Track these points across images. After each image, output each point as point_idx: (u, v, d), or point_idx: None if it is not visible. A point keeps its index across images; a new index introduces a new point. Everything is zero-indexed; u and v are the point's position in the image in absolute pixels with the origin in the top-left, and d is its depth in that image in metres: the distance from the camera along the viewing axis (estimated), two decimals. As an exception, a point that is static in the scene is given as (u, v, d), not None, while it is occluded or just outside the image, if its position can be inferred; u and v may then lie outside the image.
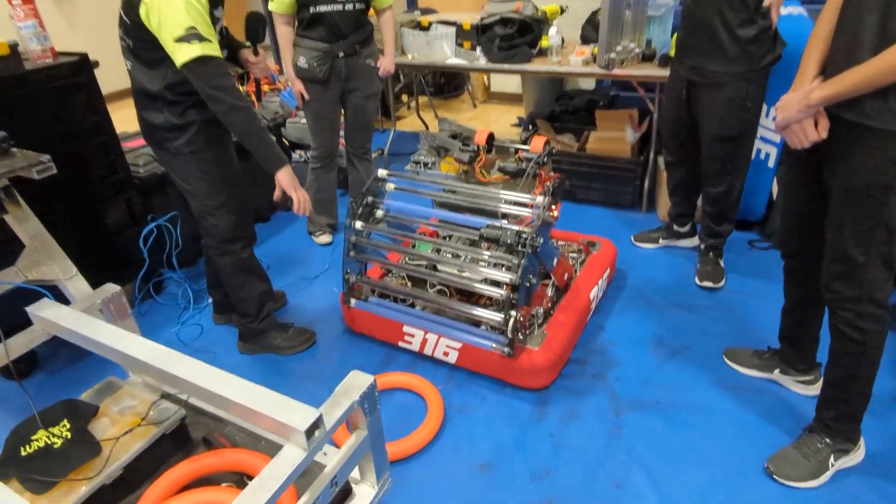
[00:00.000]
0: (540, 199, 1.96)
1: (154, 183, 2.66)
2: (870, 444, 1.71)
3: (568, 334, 2.09)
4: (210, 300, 2.56)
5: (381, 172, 2.27)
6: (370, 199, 2.23)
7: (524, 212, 2.03)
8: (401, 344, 2.23)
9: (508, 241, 1.85)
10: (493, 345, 1.98)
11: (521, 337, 1.96)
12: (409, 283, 2.31)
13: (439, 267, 2.17)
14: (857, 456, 1.69)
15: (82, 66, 2.30)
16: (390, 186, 2.31)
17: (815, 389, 1.89)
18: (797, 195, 1.65)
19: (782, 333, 1.95)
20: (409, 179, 2.29)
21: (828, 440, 1.65)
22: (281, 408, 1.10)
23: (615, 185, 3.21)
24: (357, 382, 1.30)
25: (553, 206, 1.98)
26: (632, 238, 2.94)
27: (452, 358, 2.13)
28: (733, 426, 1.86)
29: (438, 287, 2.20)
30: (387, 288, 2.22)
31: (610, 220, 3.20)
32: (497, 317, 1.96)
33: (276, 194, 1.93)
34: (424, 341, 2.17)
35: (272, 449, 1.45)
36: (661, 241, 2.87)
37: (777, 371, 1.99)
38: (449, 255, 2.16)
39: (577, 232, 2.68)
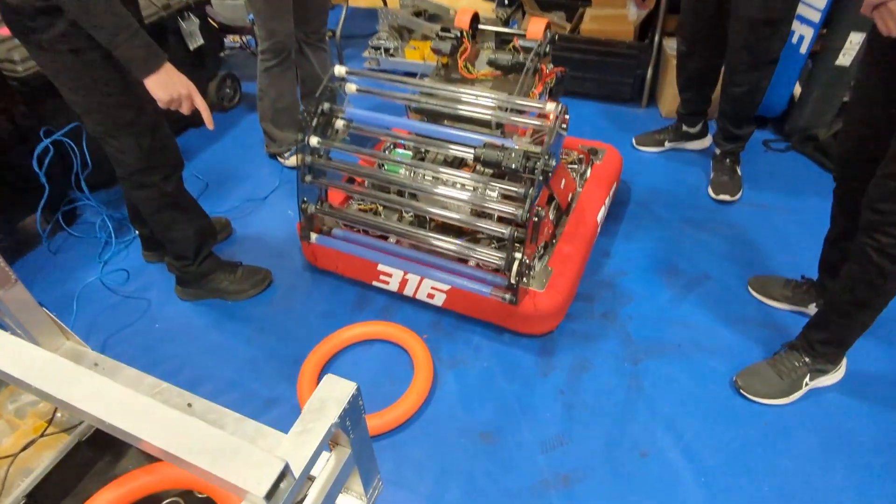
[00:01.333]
0: (552, 105, 1.52)
1: (40, 86, 2.04)
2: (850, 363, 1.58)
3: (575, 270, 1.76)
4: (136, 233, 2.09)
5: (339, 70, 1.75)
6: (326, 105, 1.73)
7: (529, 122, 1.60)
8: (376, 284, 1.87)
9: (513, 167, 1.44)
10: (491, 291, 1.63)
11: (525, 280, 1.62)
12: (381, 213, 1.89)
13: (420, 196, 1.74)
14: (835, 376, 1.59)
15: None
16: (351, 88, 1.80)
17: None
18: (873, 100, 1.32)
19: (823, 264, 1.69)
20: (376, 79, 1.78)
21: (807, 359, 1.54)
22: (228, 458, 0.73)
23: (613, 74, 2.73)
24: (335, 394, 0.94)
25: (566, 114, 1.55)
26: (633, 140, 2.54)
27: (439, 300, 1.79)
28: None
29: (417, 218, 1.80)
30: (355, 220, 1.80)
31: (604, 118, 2.77)
32: (496, 257, 1.60)
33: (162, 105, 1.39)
34: (404, 282, 1.81)
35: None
36: (666, 143, 2.49)
37: (813, 305, 1.74)
38: (430, 180, 1.73)
39: (569, 134, 2.26)
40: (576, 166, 2.12)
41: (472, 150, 1.58)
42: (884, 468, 1.43)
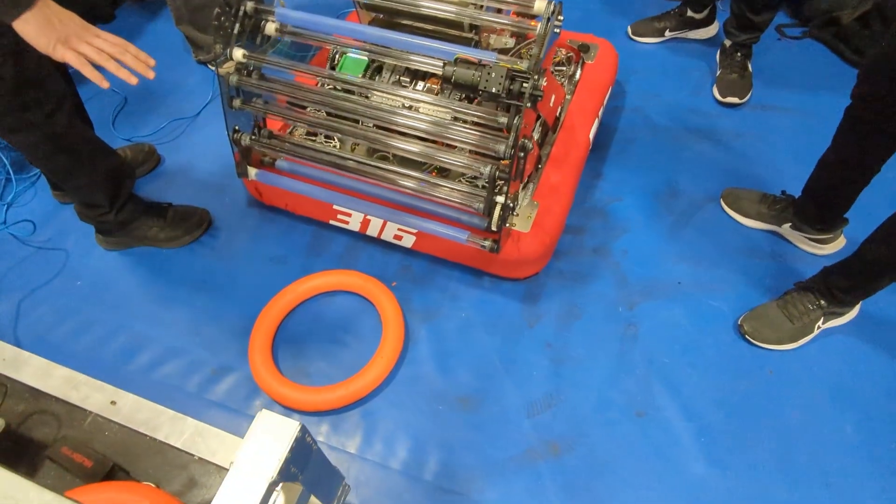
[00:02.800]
0: (541, 3, 1.17)
1: None
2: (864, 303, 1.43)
3: (565, 203, 1.51)
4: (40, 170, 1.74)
5: (262, -47, 1.33)
6: (250, 5, 1.34)
7: (512, 25, 1.25)
8: (333, 223, 1.60)
9: (493, 90, 1.13)
10: (468, 237, 1.38)
11: (507, 221, 1.37)
12: (333, 139, 1.57)
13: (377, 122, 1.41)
14: (848, 317, 1.44)
15: None
16: None
17: (828, 250, 1.57)
18: None
19: (811, 186, 1.49)
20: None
21: (823, 302, 1.38)
22: None
23: (608, -56, 2.27)
24: (272, 440, 0.74)
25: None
26: (628, 29, 2.17)
27: (408, 242, 1.54)
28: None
29: (378, 152, 1.48)
30: (301, 155, 1.47)
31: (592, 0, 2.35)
32: (473, 199, 1.33)
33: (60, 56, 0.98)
34: (366, 222, 1.54)
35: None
36: (667, 32, 2.12)
37: (788, 226, 1.56)
38: (387, 104, 1.40)
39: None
40: (563, 68, 1.78)
41: (439, 64, 1.24)
42: (894, 416, 1.32)
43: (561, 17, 1.19)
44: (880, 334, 1.43)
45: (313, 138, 1.59)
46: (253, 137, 1.47)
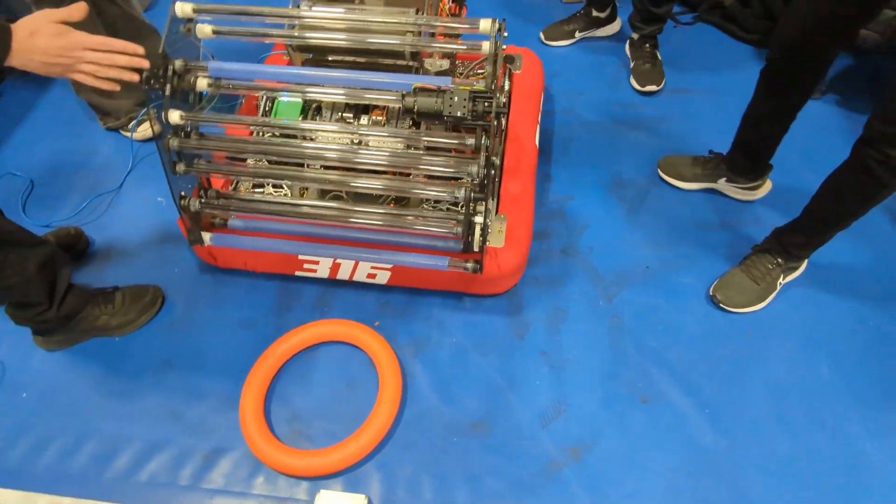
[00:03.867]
0: (486, 22, 1.19)
1: None
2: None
3: (530, 212, 1.54)
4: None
5: (182, 7, 1.26)
6: (179, 63, 1.26)
7: (458, 48, 1.26)
8: (299, 273, 1.53)
9: (459, 114, 1.12)
10: (449, 262, 1.37)
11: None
12: (286, 190, 1.51)
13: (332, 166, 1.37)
14: (801, 269, 1.57)
15: None
16: (205, 31, 1.32)
17: (759, 194, 1.74)
18: None
19: (739, 142, 1.64)
20: (237, 15, 1.31)
21: (780, 260, 1.51)
22: None
23: (505, -42, 2.36)
24: None
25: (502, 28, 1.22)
26: (540, 35, 2.25)
27: (383, 278, 1.51)
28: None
29: (331, 192, 1.44)
30: (258, 210, 1.40)
31: (502, 10, 2.42)
32: (445, 223, 1.32)
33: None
34: (336, 266, 1.49)
35: None
36: (577, 34, 2.23)
37: (723, 180, 1.72)
38: (342, 143, 1.36)
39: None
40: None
41: (390, 97, 1.23)
42: (861, 351, 1.45)
43: (505, 34, 1.21)
44: (830, 279, 1.57)
45: (261, 190, 1.52)
46: (202, 201, 1.38)
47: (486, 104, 1.13)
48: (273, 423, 1.36)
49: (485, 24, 1.19)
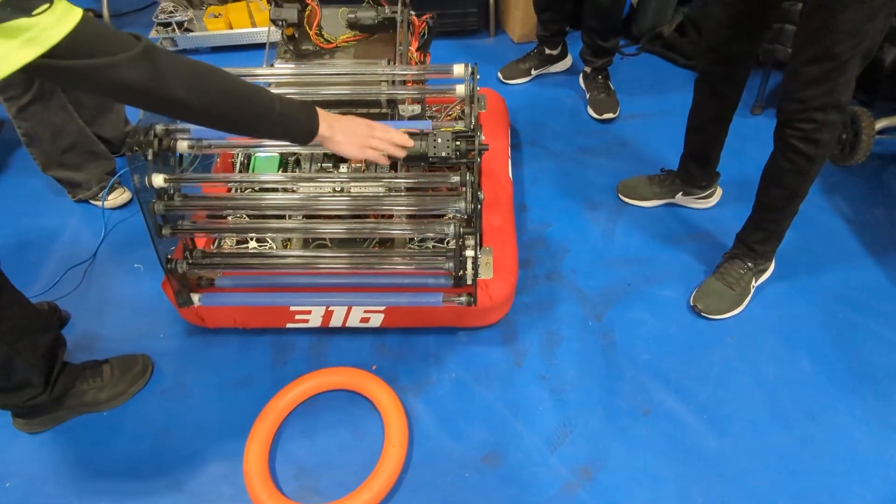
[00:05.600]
0: (460, 68, 1.26)
1: None
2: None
3: (513, 241, 1.59)
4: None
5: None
6: (160, 127, 1.27)
7: (434, 91, 1.32)
8: (291, 326, 1.53)
9: (444, 154, 1.17)
10: (443, 298, 1.40)
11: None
12: (271, 242, 1.51)
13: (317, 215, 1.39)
14: (770, 270, 1.66)
15: None
16: (182, 146, 1.34)
17: (713, 201, 1.86)
18: None
19: (689, 153, 1.76)
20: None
21: (750, 264, 1.59)
22: None
23: (456, 6, 2.48)
24: None
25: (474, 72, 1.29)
26: (498, 75, 2.37)
27: (376, 322, 1.51)
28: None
29: (316, 240, 1.45)
30: (248, 266, 1.40)
31: (459, 55, 2.54)
32: (439, 262, 1.35)
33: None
34: (329, 314, 1.49)
35: None
36: (533, 71, 2.35)
37: (680, 194, 1.84)
38: (330, 192, 1.39)
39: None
40: (461, 120, 1.89)
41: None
42: (836, 342, 1.53)
43: (478, 76, 1.28)
44: (796, 277, 1.67)
45: (245, 245, 1.52)
46: (189, 262, 1.37)
47: (467, 142, 1.18)
48: (280, 481, 1.32)
49: (458, 69, 1.25)
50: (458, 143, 1.18)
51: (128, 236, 1.85)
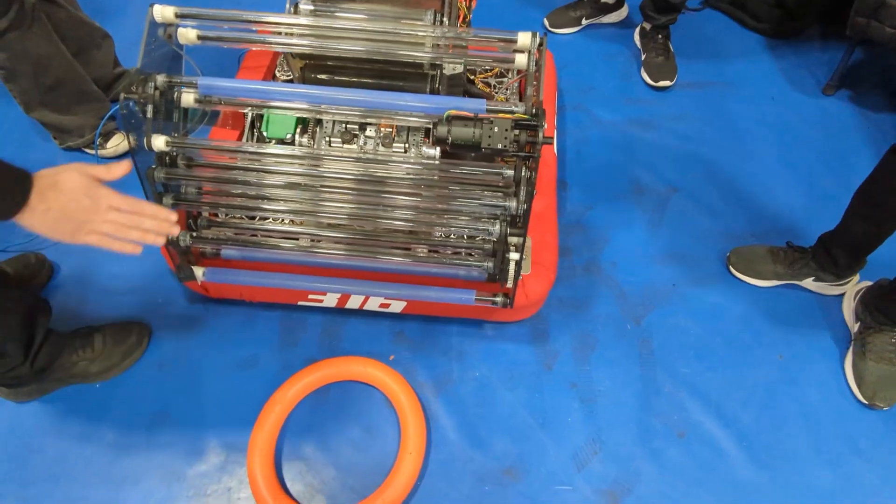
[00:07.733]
0: (525, 37, 1.04)
1: None
2: None
3: (553, 230, 1.41)
4: None
5: (161, 11, 1.06)
6: (161, 78, 1.06)
7: (495, 60, 1.11)
8: (303, 303, 1.39)
9: (500, 145, 0.98)
10: (475, 296, 1.25)
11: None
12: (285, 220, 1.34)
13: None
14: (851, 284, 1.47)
15: None
16: (189, 36, 1.12)
17: (849, 286, 1.49)
18: None
19: (847, 240, 1.39)
20: (223, 19, 1.11)
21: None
22: None
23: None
24: None
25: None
26: (545, 22, 2.09)
27: (397, 308, 1.38)
28: (762, 317, 1.47)
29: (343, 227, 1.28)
30: (259, 244, 1.23)
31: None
32: (478, 263, 1.19)
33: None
34: (345, 298, 1.35)
35: None
36: (584, 20, 2.08)
37: (811, 280, 1.48)
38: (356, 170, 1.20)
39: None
40: (504, 79, 1.66)
41: (416, 120, 1.07)
42: (893, 372, 1.41)
43: (550, 52, 1.07)
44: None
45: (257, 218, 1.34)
46: (193, 234, 1.20)
47: (528, 134, 0.99)
48: (286, 480, 1.23)
49: (524, 39, 1.03)
50: (517, 132, 0.98)
51: (124, 188, 1.65)
